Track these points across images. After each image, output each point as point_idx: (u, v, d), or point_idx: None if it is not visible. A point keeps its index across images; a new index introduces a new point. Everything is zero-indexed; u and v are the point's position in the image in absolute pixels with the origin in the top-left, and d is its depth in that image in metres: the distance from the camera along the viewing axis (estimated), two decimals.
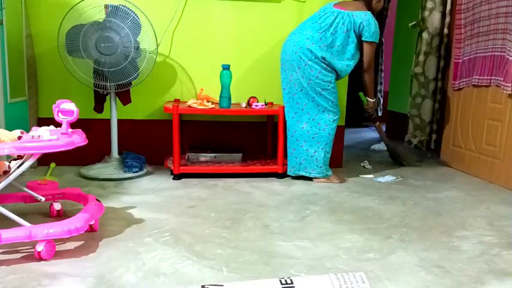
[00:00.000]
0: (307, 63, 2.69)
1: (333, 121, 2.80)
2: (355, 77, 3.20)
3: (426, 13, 3.53)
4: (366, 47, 2.75)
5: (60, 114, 1.71)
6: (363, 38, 2.71)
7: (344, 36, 2.69)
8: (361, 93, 3.10)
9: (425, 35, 3.58)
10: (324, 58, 2.69)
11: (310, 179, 2.86)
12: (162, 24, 3.03)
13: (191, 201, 2.36)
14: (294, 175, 2.87)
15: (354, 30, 2.69)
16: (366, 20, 2.67)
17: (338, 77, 2.81)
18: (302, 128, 2.80)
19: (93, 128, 2.91)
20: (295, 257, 1.70)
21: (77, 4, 2.67)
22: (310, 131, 2.79)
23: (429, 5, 3.53)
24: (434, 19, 3.49)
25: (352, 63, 2.77)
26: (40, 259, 1.58)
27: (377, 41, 2.76)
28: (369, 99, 3.05)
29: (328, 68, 2.72)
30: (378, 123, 3.31)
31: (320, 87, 2.72)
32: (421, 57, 3.62)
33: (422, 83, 3.64)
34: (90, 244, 1.75)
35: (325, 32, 2.69)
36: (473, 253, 1.78)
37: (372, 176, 3.05)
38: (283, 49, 2.84)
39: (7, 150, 1.55)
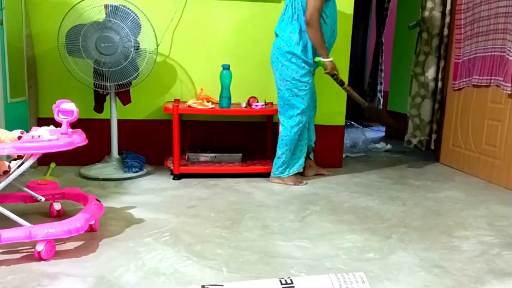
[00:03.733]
0: (284, 63, 2.66)
1: (301, 123, 2.72)
2: (355, 77, 3.19)
3: (426, 13, 3.53)
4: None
5: (60, 114, 1.71)
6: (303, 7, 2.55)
7: (302, 14, 2.55)
8: (317, 58, 2.66)
9: (425, 35, 3.58)
10: (298, 55, 2.61)
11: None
12: (162, 24, 3.03)
13: (191, 201, 2.36)
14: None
15: (301, 6, 2.56)
16: None
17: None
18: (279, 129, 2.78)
19: (93, 128, 2.91)
20: (295, 257, 1.70)
21: (77, 4, 2.67)
22: (282, 133, 2.75)
23: (429, 5, 3.52)
24: (434, 19, 3.49)
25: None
26: (40, 259, 1.58)
27: None
28: (321, 59, 2.63)
29: (306, 67, 2.64)
30: (346, 85, 2.81)
31: (297, 89, 2.66)
32: (421, 57, 3.62)
33: (422, 83, 3.64)
34: (90, 244, 1.75)
35: (292, 24, 2.62)
36: (473, 253, 1.78)
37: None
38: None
39: (7, 150, 1.55)
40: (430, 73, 3.56)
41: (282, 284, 1.06)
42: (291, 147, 2.76)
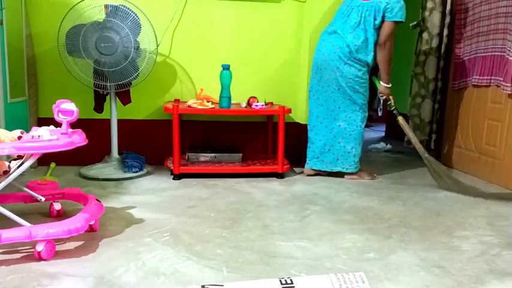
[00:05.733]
0: (347, 62, 2.76)
1: (365, 117, 2.91)
2: None
3: (426, 13, 3.53)
4: (385, 24, 2.73)
5: (60, 114, 1.71)
6: (385, 19, 2.72)
7: (372, 27, 2.73)
8: (374, 77, 2.96)
9: (425, 35, 3.58)
10: (360, 57, 2.76)
11: (340, 175, 2.95)
12: (162, 24, 3.03)
13: (191, 201, 2.36)
14: (329, 171, 2.95)
15: (377, 17, 2.72)
16: (390, 2, 2.67)
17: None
18: (339, 125, 2.87)
19: (93, 128, 2.91)
20: (295, 257, 1.70)
21: (77, 4, 2.67)
22: (348, 128, 2.87)
23: (429, 5, 3.52)
24: (434, 19, 3.49)
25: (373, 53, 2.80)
26: (40, 259, 1.58)
27: (400, 19, 2.72)
28: (381, 83, 2.89)
29: (366, 67, 2.81)
30: (401, 118, 2.94)
31: (359, 85, 2.80)
32: (421, 57, 3.62)
33: (422, 83, 3.64)
34: (90, 244, 1.75)
35: (356, 30, 2.74)
36: (473, 253, 1.78)
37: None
38: (319, 49, 2.88)
39: (7, 150, 1.55)
40: (430, 73, 3.56)
41: (282, 284, 1.06)
42: (360, 141, 2.91)
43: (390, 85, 2.91)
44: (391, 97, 2.97)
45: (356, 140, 2.89)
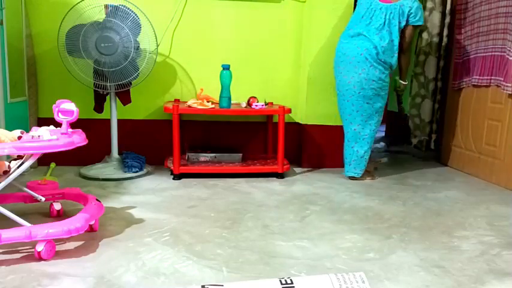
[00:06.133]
0: (373, 64, 2.74)
1: (379, 121, 2.92)
2: None
3: (426, 13, 3.53)
4: (409, 29, 2.79)
5: (60, 114, 1.71)
6: (409, 23, 2.77)
7: (397, 30, 2.75)
8: (396, 78, 3.10)
9: (425, 35, 3.58)
10: (385, 59, 2.76)
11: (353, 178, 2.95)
12: (162, 24, 3.03)
13: (191, 201, 2.36)
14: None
15: (401, 20, 2.75)
16: (414, 7, 2.72)
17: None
18: (354, 129, 2.87)
19: (93, 128, 2.91)
20: (295, 257, 1.70)
21: (77, 4, 2.67)
22: (362, 132, 2.86)
23: (429, 5, 3.53)
24: (434, 19, 3.50)
25: (396, 55, 2.84)
26: (40, 259, 1.58)
27: (422, 23, 2.82)
28: (401, 82, 3.06)
29: (389, 70, 2.81)
30: (403, 105, 3.39)
31: (380, 88, 2.80)
32: (421, 57, 3.62)
33: (422, 83, 3.64)
34: (90, 244, 1.75)
35: (382, 32, 2.74)
36: (473, 253, 1.78)
37: None
38: (342, 51, 2.84)
39: (7, 150, 1.55)
40: (430, 73, 3.57)
41: (282, 284, 1.06)
42: (371, 145, 2.92)
43: (406, 82, 3.09)
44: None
45: (368, 144, 2.89)
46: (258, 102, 2.93)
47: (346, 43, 2.82)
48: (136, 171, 2.81)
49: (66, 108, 1.71)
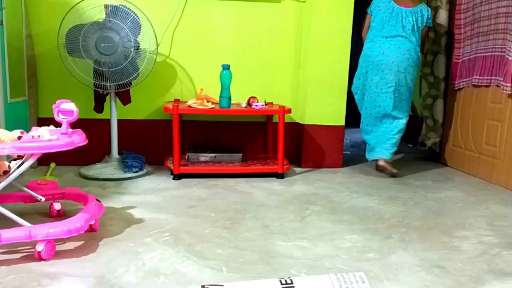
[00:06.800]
0: (411, 64, 2.97)
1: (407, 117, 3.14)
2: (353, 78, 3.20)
3: (432, 12, 3.51)
4: (424, 30, 3.09)
5: (60, 114, 1.71)
6: (427, 24, 3.05)
7: (419, 32, 3.01)
8: None
9: (432, 34, 3.56)
10: (419, 59, 3.02)
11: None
12: (162, 24, 3.03)
13: (191, 201, 2.36)
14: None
15: (422, 23, 3.00)
16: (429, 11, 3.02)
17: None
18: (390, 124, 3.07)
19: (93, 128, 2.91)
20: (295, 257, 1.70)
21: (77, 4, 2.67)
22: (400, 126, 3.05)
23: (434, 4, 3.51)
24: (441, 17, 3.46)
25: None
26: (40, 259, 1.58)
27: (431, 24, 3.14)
28: None
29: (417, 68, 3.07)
30: None
31: (414, 87, 3.06)
32: (429, 57, 3.59)
33: (431, 83, 3.61)
34: (90, 244, 1.75)
35: (414, 33, 2.97)
36: (473, 253, 1.78)
37: None
38: (382, 52, 2.97)
39: (7, 150, 1.55)
40: (441, 72, 3.53)
41: (282, 284, 1.06)
42: (400, 136, 3.11)
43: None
44: None
45: (399, 133, 3.06)
46: (258, 102, 2.93)
47: (382, 43, 2.98)
48: (136, 171, 2.81)
49: (66, 108, 1.71)
